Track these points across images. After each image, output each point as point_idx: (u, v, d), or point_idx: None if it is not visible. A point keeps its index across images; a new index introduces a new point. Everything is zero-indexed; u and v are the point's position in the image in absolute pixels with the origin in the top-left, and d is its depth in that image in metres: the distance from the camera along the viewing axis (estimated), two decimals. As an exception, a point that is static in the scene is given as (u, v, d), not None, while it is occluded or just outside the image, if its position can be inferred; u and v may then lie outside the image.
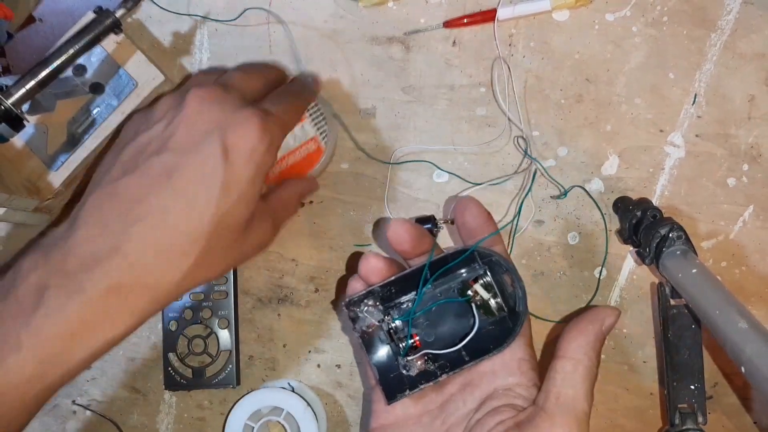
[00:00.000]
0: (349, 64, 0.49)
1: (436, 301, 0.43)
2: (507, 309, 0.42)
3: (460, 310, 0.43)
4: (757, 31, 0.47)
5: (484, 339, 0.41)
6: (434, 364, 0.42)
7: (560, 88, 0.48)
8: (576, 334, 0.40)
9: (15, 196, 0.44)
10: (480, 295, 0.42)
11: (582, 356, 0.39)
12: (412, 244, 0.42)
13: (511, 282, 0.41)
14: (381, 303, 0.42)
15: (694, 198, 0.48)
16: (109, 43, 0.46)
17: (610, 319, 0.41)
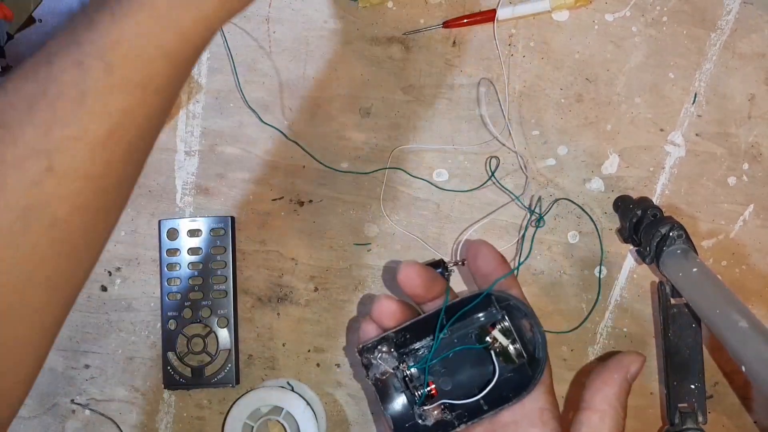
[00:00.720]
0: (348, 64, 0.49)
1: (452, 347, 0.41)
2: (526, 355, 0.40)
3: (478, 357, 0.41)
4: (756, 31, 0.47)
5: (503, 387, 0.39)
6: (451, 413, 0.39)
7: (560, 88, 0.48)
8: (600, 384, 0.39)
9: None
10: (499, 342, 0.40)
11: (608, 407, 0.38)
12: (424, 287, 0.40)
13: (530, 327, 0.40)
14: (396, 349, 0.40)
15: (695, 197, 0.48)
16: (109, 43, 0.46)
17: (635, 366, 0.39)
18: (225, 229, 0.49)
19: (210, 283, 0.49)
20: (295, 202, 0.50)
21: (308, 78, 0.49)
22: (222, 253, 0.49)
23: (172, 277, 0.49)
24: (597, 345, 0.49)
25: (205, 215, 0.50)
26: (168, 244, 0.49)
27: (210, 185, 0.50)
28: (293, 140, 0.49)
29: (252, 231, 0.50)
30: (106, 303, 0.51)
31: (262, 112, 0.49)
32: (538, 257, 0.49)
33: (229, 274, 0.49)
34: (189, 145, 0.50)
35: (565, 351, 0.49)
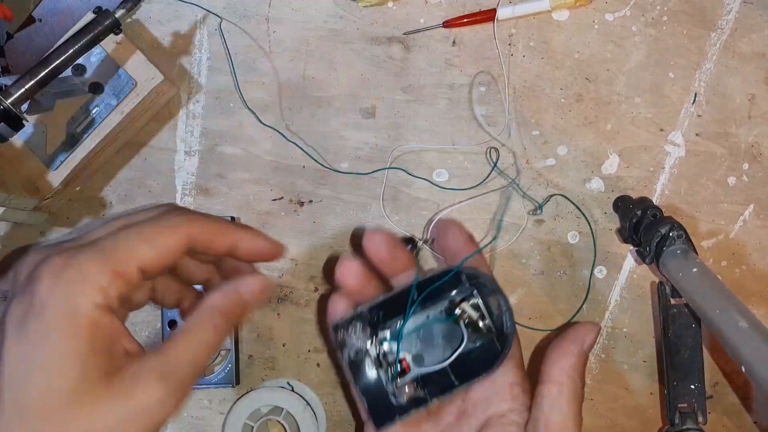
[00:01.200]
0: (349, 64, 0.49)
1: (425, 323, 0.42)
2: (495, 331, 0.41)
3: (449, 332, 0.42)
4: (756, 31, 0.47)
5: (474, 364, 0.40)
6: (424, 390, 0.40)
7: (560, 88, 0.48)
8: (558, 356, 0.39)
9: (14, 196, 0.44)
10: (468, 314, 0.41)
11: (565, 379, 0.38)
12: (389, 255, 0.41)
13: (497, 304, 0.41)
14: (370, 327, 0.41)
15: (695, 197, 0.48)
16: (109, 43, 0.46)
17: (590, 336, 0.40)
18: (225, 229, 0.49)
19: (210, 284, 0.49)
20: (295, 202, 0.50)
21: (308, 78, 0.49)
22: (222, 254, 0.49)
23: (172, 278, 0.49)
24: (597, 345, 0.49)
25: (205, 215, 0.50)
26: (168, 245, 0.49)
27: (210, 185, 0.50)
28: (292, 141, 0.49)
29: (252, 231, 0.50)
30: (106, 303, 0.50)
31: (262, 112, 0.49)
32: (538, 257, 0.49)
33: (229, 274, 0.49)
34: (189, 145, 0.50)
35: (565, 351, 0.49)
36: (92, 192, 0.50)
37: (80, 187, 0.50)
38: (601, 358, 0.49)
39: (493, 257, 0.49)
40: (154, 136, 0.50)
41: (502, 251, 0.49)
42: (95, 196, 0.50)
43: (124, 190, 0.50)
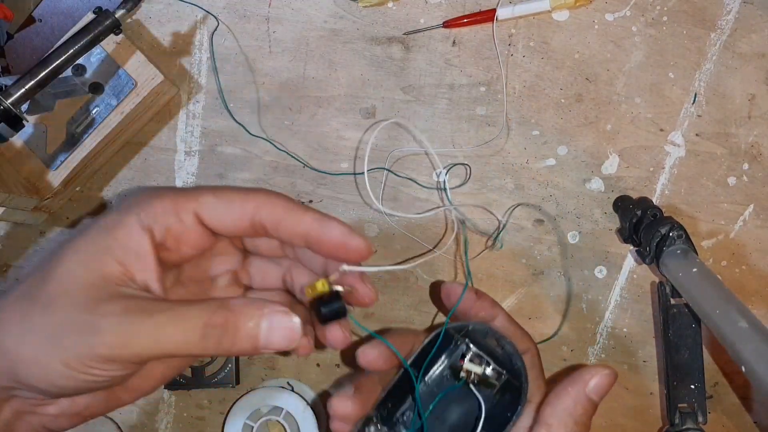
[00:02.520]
0: (348, 64, 0.49)
1: (433, 396, 0.39)
2: (506, 371, 0.39)
3: (462, 395, 0.40)
4: (756, 31, 0.47)
5: (499, 410, 0.38)
6: None
7: (560, 88, 0.48)
8: (553, 397, 0.36)
9: (14, 196, 0.44)
10: (473, 372, 0.39)
11: (555, 422, 0.35)
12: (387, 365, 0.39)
13: (497, 343, 0.39)
14: (382, 423, 0.39)
15: (695, 197, 0.48)
16: (109, 43, 0.46)
17: (596, 380, 0.36)
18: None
19: (210, 284, 0.49)
20: (295, 202, 0.50)
21: (308, 78, 0.49)
22: (222, 254, 0.49)
23: (172, 278, 0.49)
24: (597, 345, 0.49)
25: (205, 215, 0.50)
26: (168, 245, 0.49)
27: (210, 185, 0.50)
28: (285, 151, 0.49)
29: (252, 231, 0.50)
30: (106, 303, 0.50)
31: (262, 112, 0.49)
32: (538, 257, 0.49)
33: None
34: (189, 145, 0.50)
35: (565, 351, 0.49)
36: (92, 192, 0.50)
37: (80, 187, 0.50)
38: (601, 358, 0.49)
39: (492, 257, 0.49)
40: (154, 136, 0.50)
41: (502, 251, 0.49)
42: (95, 196, 0.50)
43: (124, 190, 0.50)
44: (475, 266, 0.49)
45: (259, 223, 0.32)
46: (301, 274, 0.35)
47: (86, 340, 0.28)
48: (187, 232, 0.31)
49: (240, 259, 0.36)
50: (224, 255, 0.35)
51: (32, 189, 0.47)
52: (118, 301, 0.29)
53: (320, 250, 0.32)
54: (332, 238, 0.31)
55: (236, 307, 0.30)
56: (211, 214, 0.31)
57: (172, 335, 0.28)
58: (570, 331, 0.49)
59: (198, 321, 0.29)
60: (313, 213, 0.32)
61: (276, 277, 0.36)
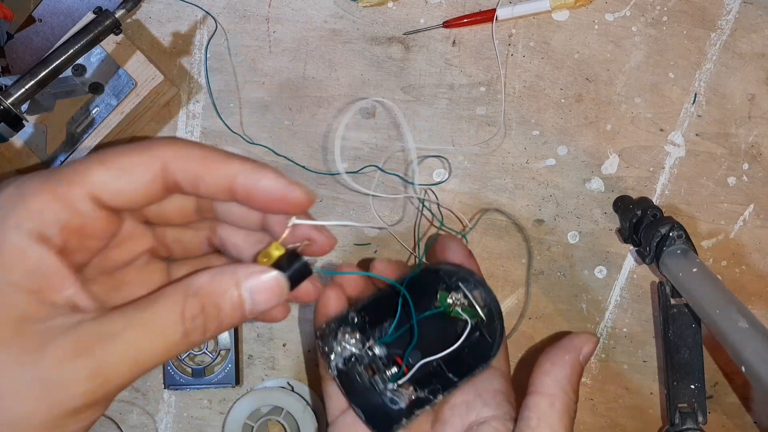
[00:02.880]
0: (348, 64, 0.49)
1: (416, 320, 0.39)
2: (485, 323, 0.38)
3: (442, 328, 0.39)
4: (756, 31, 0.47)
5: (468, 360, 0.38)
6: (424, 390, 0.38)
7: (560, 88, 0.48)
8: (551, 366, 0.35)
9: (14, 196, 0.44)
10: (460, 300, 0.39)
11: (558, 391, 0.34)
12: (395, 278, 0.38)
13: (482, 297, 0.39)
14: (358, 332, 0.38)
15: (695, 197, 0.48)
16: (109, 43, 0.46)
17: (587, 347, 0.36)
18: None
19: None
20: (295, 202, 0.50)
21: (308, 78, 0.49)
22: (222, 254, 0.49)
23: (172, 278, 0.49)
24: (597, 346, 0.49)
25: (205, 215, 0.50)
26: (168, 245, 0.49)
27: (210, 185, 0.50)
28: (282, 155, 0.49)
29: (252, 231, 0.50)
30: (106, 303, 0.50)
31: (262, 112, 0.49)
32: (538, 257, 0.49)
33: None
34: (189, 146, 0.50)
35: (565, 351, 0.49)
36: (92, 192, 0.50)
37: (80, 187, 0.50)
38: (601, 358, 0.49)
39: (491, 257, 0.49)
40: (155, 136, 0.50)
41: (503, 251, 0.49)
42: (95, 196, 0.50)
43: None
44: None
45: (173, 183, 0.26)
46: (232, 234, 0.31)
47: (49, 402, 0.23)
48: (89, 222, 0.25)
49: (150, 232, 0.30)
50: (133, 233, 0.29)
51: (32, 189, 0.47)
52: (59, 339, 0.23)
53: (253, 205, 0.28)
54: (268, 191, 0.27)
55: (206, 286, 0.26)
56: (111, 191, 0.25)
57: (151, 348, 0.24)
58: (570, 331, 0.49)
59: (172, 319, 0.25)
60: (240, 161, 0.27)
61: (198, 243, 0.32)
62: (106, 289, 0.29)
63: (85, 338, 0.23)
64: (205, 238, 0.32)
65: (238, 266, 0.27)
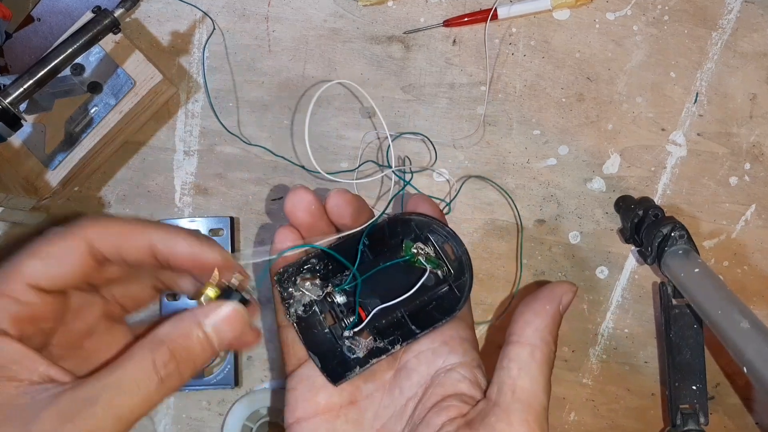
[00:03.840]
0: (348, 64, 0.49)
1: (380, 268, 0.38)
2: (453, 276, 0.38)
3: (406, 277, 0.38)
4: (758, 30, 0.47)
5: (433, 312, 0.37)
6: (383, 340, 0.37)
7: (561, 87, 0.48)
8: (531, 316, 0.35)
9: (12, 195, 0.44)
10: (425, 250, 0.38)
11: (539, 341, 0.34)
12: (352, 218, 0.37)
13: (452, 250, 0.38)
14: (319, 278, 0.37)
15: (696, 197, 0.48)
16: (108, 43, 0.46)
17: (567, 296, 0.36)
18: (224, 229, 0.49)
19: (209, 284, 0.49)
20: (294, 202, 0.49)
21: (308, 77, 0.49)
22: (221, 254, 0.49)
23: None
24: (598, 346, 0.49)
25: (205, 215, 0.50)
26: (167, 245, 0.49)
27: (209, 185, 0.50)
28: (280, 156, 0.49)
29: (251, 231, 0.50)
30: (105, 303, 0.50)
31: (262, 112, 0.49)
32: (539, 257, 0.49)
33: (229, 274, 0.49)
34: (188, 145, 0.50)
35: (566, 352, 0.49)
36: (91, 192, 0.50)
37: (79, 186, 0.50)
38: (602, 358, 0.49)
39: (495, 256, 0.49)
40: (153, 136, 0.50)
41: (503, 252, 0.49)
42: (94, 196, 0.50)
43: (122, 190, 0.50)
44: (476, 266, 0.49)
45: (101, 256, 0.29)
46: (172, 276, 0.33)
47: None
48: (36, 308, 0.28)
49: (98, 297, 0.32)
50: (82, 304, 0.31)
51: (31, 189, 0.47)
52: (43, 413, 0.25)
53: (175, 268, 0.30)
54: (184, 256, 0.29)
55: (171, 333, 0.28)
56: (47, 277, 0.28)
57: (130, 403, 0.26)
58: (571, 332, 0.49)
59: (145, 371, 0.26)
60: (156, 230, 0.29)
61: (146, 293, 0.34)
62: (77, 362, 0.30)
63: (66, 408, 0.25)
64: (151, 286, 0.33)
65: (194, 309, 0.29)
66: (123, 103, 0.46)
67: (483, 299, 0.49)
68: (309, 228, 0.37)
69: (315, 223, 0.37)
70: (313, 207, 0.37)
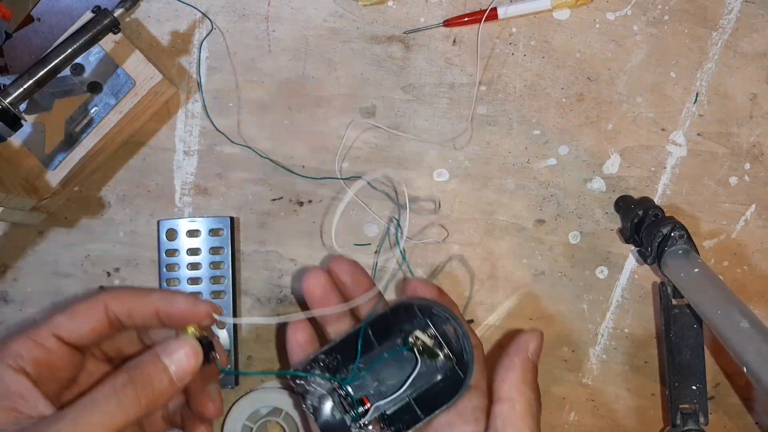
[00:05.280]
0: (348, 63, 0.49)
1: (381, 359, 0.42)
2: (455, 359, 0.41)
3: (408, 364, 0.42)
4: (758, 30, 0.47)
5: (439, 395, 0.40)
6: (390, 428, 0.40)
7: (561, 87, 0.48)
8: (504, 372, 0.38)
9: (12, 195, 0.44)
10: (421, 340, 0.41)
11: (515, 394, 0.37)
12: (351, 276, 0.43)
13: (454, 331, 0.40)
14: (328, 371, 0.41)
15: (696, 197, 0.48)
16: (108, 43, 0.46)
17: (533, 344, 0.39)
18: (224, 229, 0.49)
19: (209, 284, 0.49)
20: (294, 202, 0.49)
21: (308, 77, 0.49)
22: (221, 254, 0.49)
23: (171, 278, 0.49)
24: (598, 346, 0.49)
25: (204, 215, 0.50)
26: (167, 245, 0.49)
27: (209, 185, 0.50)
28: (266, 156, 0.49)
29: (251, 231, 0.50)
30: (105, 303, 0.50)
31: (261, 112, 0.49)
32: (539, 258, 0.49)
33: (228, 274, 0.49)
34: (188, 145, 0.50)
35: (566, 352, 0.49)
36: (91, 192, 0.50)
37: (79, 186, 0.50)
38: (602, 359, 0.49)
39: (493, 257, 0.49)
40: (153, 136, 0.50)
41: (503, 252, 0.49)
42: (94, 196, 0.50)
43: (122, 190, 0.50)
44: (476, 267, 0.49)
45: (114, 318, 0.35)
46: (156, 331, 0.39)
47: None
48: (55, 356, 0.34)
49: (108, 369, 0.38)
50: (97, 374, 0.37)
51: (30, 189, 0.47)
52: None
53: (173, 323, 0.36)
54: (181, 311, 0.36)
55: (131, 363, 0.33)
56: (68, 329, 0.34)
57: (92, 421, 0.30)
58: (571, 332, 0.49)
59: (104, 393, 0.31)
60: (159, 294, 0.36)
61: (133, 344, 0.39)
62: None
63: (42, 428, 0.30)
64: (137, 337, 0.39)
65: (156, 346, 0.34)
66: (123, 103, 0.46)
67: (483, 299, 0.49)
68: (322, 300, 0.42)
69: (329, 296, 0.42)
70: (327, 284, 0.42)
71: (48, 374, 0.34)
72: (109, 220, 0.50)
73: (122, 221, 0.50)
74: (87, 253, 0.50)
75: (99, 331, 0.35)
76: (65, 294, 0.50)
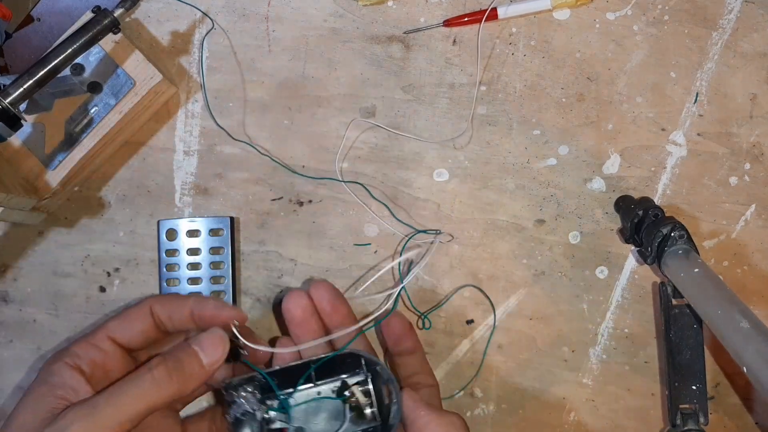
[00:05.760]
0: (348, 63, 0.49)
1: (314, 399, 0.42)
2: (381, 421, 0.42)
3: (336, 411, 0.43)
4: (758, 30, 0.47)
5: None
6: None
7: (561, 87, 0.48)
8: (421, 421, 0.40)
9: (12, 195, 0.44)
10: (356, 397, 0.42)
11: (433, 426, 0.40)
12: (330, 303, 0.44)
13: (388, 394, 0.41)
14: (260, 392, 0.42)
15: (696, 197, 0.48)
16: (108, 43, 0.46)
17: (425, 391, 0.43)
18: (224, 229, 0.49)
19: (209, 284, 0.49)
20: (294, 202, 0.49)
21: (308, 77, 0.49)
22: (221, 254, 0.49)
23: (171, 278, 0.49)
24: (598, 346, 0.49)
25: (204, 215, 0.50)
26: (167, 245, 0.49)
27: (209, 185, 0.50)
28: (267, 154, 0.49)
29: (251, 231, 0.50)
30: (105, 304, 0.50)
31: (261, 111, 0.49)
32: (539, 258, 0.49)
33: (228, 274, 0.49)
34: (188, 145, 0.50)
35: (566, 351, 0.49)
36: (91, 192, 0.50)
37: (79, 186, 0.50)
38: (602, 359, 0.49)
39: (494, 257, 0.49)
40: (153, 136, 0.50)
41: (503, 252, 0.49)
42: (94, 196, 0.50)
43: (122, 190, 0.50)
44: (476, 267, 0.49)
45: (159, 321, 0.40)
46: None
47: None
48: (110, 358, 0.38)
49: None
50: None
51: (30, 189, 0.47)
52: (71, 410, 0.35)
53: (204, 324, 0.40)
54: (211, 314, 0.40)
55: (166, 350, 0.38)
56: (122, 332, 0.39)
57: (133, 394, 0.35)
58: (571, 332, 0.49)
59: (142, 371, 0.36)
60: (194, 299, 0.41)
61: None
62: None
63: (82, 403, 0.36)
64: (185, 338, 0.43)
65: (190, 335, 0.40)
66: (123, 103, 0.46)
67: (483, 299, 0.49)
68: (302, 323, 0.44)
69: (308, 320, 0.44)
70: (308, 307, 0.44)
71: (101, 375, 0.38)
72: (109, 220, 0.50)
73: (122, 221, 0.50)
74: (87, 253, 0.50)
75: (147, 334, 0.40)
76: (65, 294, 0.50)
